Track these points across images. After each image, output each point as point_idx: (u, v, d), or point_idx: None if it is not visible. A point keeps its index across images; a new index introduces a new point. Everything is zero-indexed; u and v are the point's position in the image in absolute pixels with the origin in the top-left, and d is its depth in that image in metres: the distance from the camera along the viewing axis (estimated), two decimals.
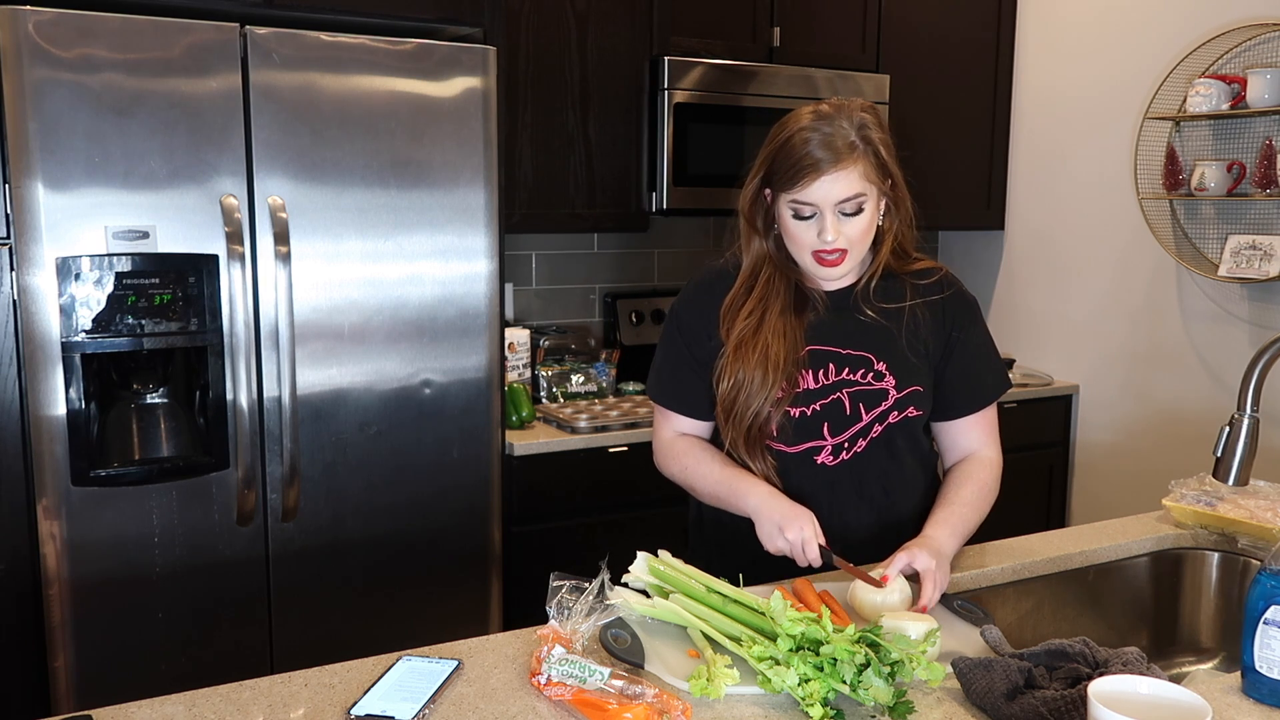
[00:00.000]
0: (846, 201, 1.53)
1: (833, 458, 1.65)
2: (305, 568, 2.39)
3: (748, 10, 3.26)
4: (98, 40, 2.06)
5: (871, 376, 1.64)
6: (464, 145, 2.45)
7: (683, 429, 1.74)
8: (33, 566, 2.16)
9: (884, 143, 1.57)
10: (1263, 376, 1.44)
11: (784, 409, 1.62)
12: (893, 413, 1.64)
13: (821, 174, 1.51)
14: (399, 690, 1.23)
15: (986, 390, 1.74)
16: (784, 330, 1.62)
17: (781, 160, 1.55)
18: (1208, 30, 3.15)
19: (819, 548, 1.50)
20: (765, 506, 1.56)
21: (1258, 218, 3.11)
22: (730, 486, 1.63)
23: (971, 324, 1.71)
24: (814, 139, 1.52)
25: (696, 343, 1.69)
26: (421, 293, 2.45)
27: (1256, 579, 1.25)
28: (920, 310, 1.66)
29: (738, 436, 1.63)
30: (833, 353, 1.64)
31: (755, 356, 1.60)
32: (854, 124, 1.54)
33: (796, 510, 1.54)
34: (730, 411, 1.63)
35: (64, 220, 2.08)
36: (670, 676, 1.27)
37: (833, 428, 1.64)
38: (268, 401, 2.30)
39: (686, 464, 1.71)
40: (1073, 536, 1.87)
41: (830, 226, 1.54)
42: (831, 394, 1.63)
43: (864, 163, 1.53)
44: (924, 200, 1.70)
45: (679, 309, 1.73)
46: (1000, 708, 1.18)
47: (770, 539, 1.54)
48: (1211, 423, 3.10)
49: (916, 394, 1.65)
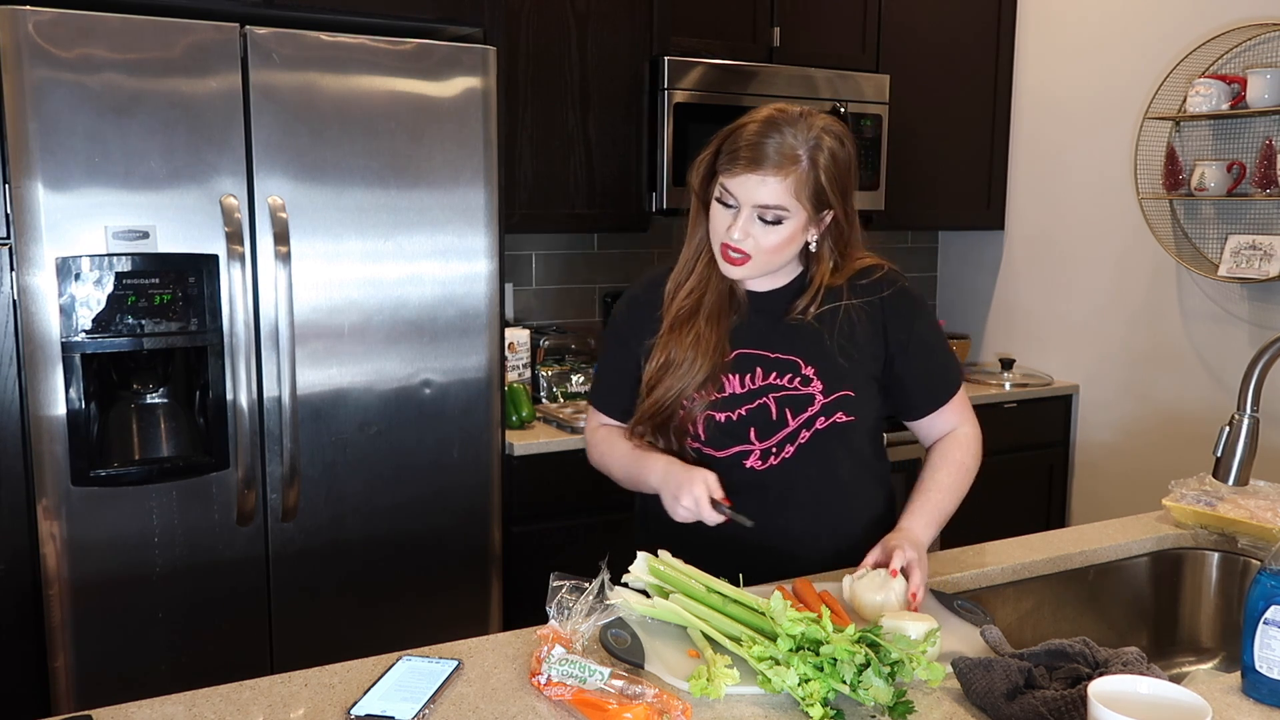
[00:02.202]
0: (767, 209, 1.50)
1: (761, 463, 1.63)
2: (305, 568, 2.39)
3: (748, 10, 3.26)
4: (98, 40, 2.06)
5: (799, 381, 1.61)
6: (464, 145, 2.45)
7: (607, 425, 1.76)
8: (33, 566, 2.16)
9: (829, 171, 1.52)
10: (1263, 376, 1.44)
11: (707, 412, 1.60)
12: (820, 418, 1.61)
13: (753, 171, 1.49)
14: (399, 690, 1.23)
15: (949, 383, 1.71)
16: (717, 319, 1.61)
17: (729, 144, 1.54)
18: (1208, 30, 3.15)
19: (713, 503, 1.48)
20: (663, 479, 1.54)
21: (1258, 218, 3.11)
22: (636, 466, 1.63)
23: (918, 320, 1.66)
24: (761, 136, 1.50)
25: (628, 351, 1.69)
26: (421, 293, 2.45)
27: (1256, 579, 1.25)
28: (856, 311, 1.62)
29: (649, 413, 1.62)
30: (760, 356, 1.62)
31: (689, 338, 1.59)
32: (807, 140, 1.50)
33: (690, 473, 1.51)
34: (653, 389, 1.61)
35: (64, 220, 2.08)
36: (670, 676, 1.27)
37: (760, 433, 1.62)
38: (268, 401, 2.30)
39: (604, 450, 1.72)
40: (1073, 536, 1.87)
41: (741, 225, 1.52)
42: (758, 399, 1.61)
43: (798, 181, 1.50)
44: (924, 200, 1.70)
45: (615, 316, 1.75)
46: (1000, 708, 1.18)
47: (673, 511, 1.52)
48: (1211, 423, 3.09)
49: (846, 399, 1.61)
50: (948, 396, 1.70)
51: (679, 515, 1.52)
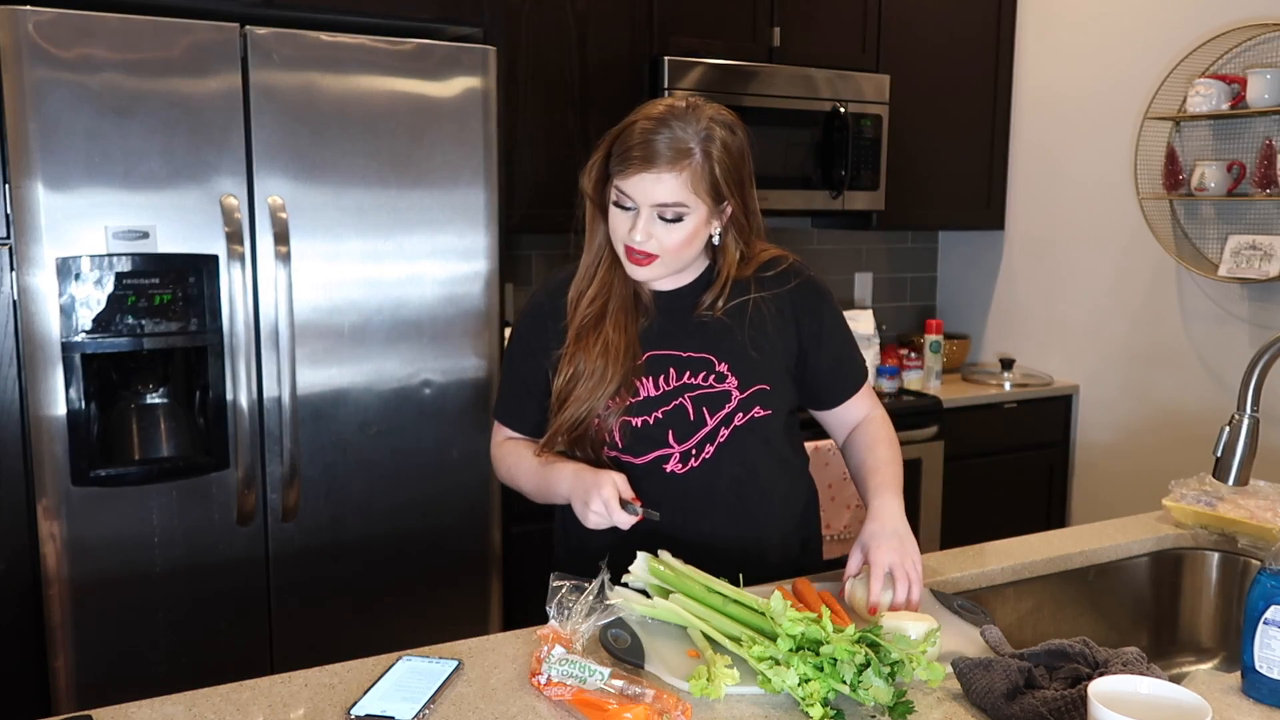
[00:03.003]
0: (666, 207, 1.47)
1: (681, 465, 1.59)
2: (305, 568, 2.39)
3: (748, 10, 3.26)
4: (98, 40, 2.06)
5: (713, 378, 1.58)
6: (464, 145, 2.45)
7: (513, 438, 1.71)
8: (33, 566, 2.16)
9: (723, 161, 1.49)
10: (1263, 376, 1.44)
11: (622, 418, 1.57)
12: (738, 414, 1.58)
13: (647, 170, 1.46)
14: (399, 690, 1.23)
15: (856, 374, 1.70)
16: (624, 325, 1.57)
17: (619, 145, 1.50)
18: (1208, 30, 3.15)
19: (623, 504, 1.44)
20: (572, 488, 1.50)
21: (1258, 218, 3.11)
22: (545, 477, 1.57)
23: (826, 312, 1.65)
24: (651, 134, 1.46)
25: (533, 363, 1.64)
26: (421, 293, 2.45)
27: (1256, 579, 1.26)
28: (764, 304, 1.60)
29: (564, 428, 1.57)
30: (672, 356, 1.59)
31: (596, 347, 1.55)
32: (698, 132, 1.47)
33: (597, 476, 1.46)
34: (564, 404, 1.57)
35: (64, 220, 2.08)
36: (670, 676, 1.27)
37: (678, 435, 1.58)
38: (268, 401, 2.30)
39: (510, 464, 1.67)
40: (1073, 536, 1.87)
41: (642, 227, 1.49)
42: (673, 400, 1.58)
43: (693, 174, 1.47)
44: (924, 200, 1.70)
45: (518, 326, 1.69)
46: (1000, 708, 1.18)
47: (584, 518, 1.47)
48: (1211, 423, 3.10)
49: (762, 393, 1.59)
50: (858, 386, 1.70)
51: (590, 522, 1.46)
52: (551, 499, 1.59)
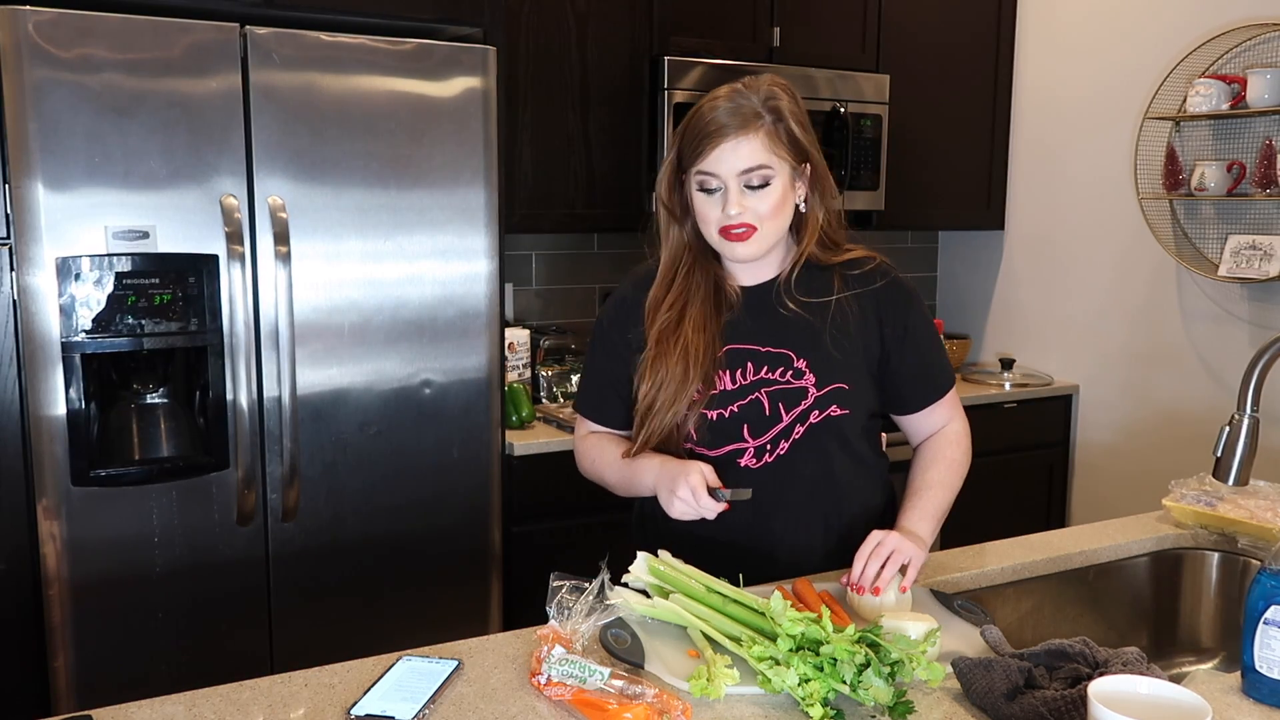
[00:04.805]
0: (750, 173, 1.50)
1: (755, 460, 1.60)
2: (305, 568, 2.39)
3: (748, 10, 3.26)
4: (98, 40, 2.06)
5: (791, 375, 1.58)
6: (464, 145, 2.45)
7: (597, 431, 1.73)
8: (33, 566, 2.16)
9: (795, 117, 1.53)
10: (1263, 376, 1.44)
11: (700, 411, 1.58)
12: (814, 412, 1.58)
13: (724, 140, 1.48)
14: (399, 690, 1.23)
15: (943, 379, 1.69)
16: (704, 324, 1.58)
17: (690, 134, 1.53)
18: (1208, 30, 3.15)
19: (710, 492, 1.45)
20: (658, 479, 1.52)
21: (1258, 218, 3.11)
22: (631, 469, 1.60)
23: (912, 315, 1.64)
24: (720, 107, 1.51)
25: (616, 357, 1.67)
26: (421, 293, 2.45)
27: (1256, 579, 1.25)
28: (849, 303, 1.60)
29: (651, 437, 1.59)
30: (751, 351, 1.60)
31: (676, 351, 1.57)
32: (761, 96, 1.51)
33: (684, 465, 1.49)
34: (650, 412, 1.59)
35: (64, 220, 2.08)
36: (670, 676, 1.27)
37: (753, 429, 1.59)
38: (268, 401, 2.30)
39: (595, 457, 1.69)
40: (1073, 536, 1.87)
41: (734, 200, 1.51)
42: (750, 394, 1.59)
43: (769, 134, 1.50)
44: (924, 200, 1.70)
45: (601, 322, 1.72)
46: (1000, 708, 1.18)
47: (670, 508, 1.49)
48: (1211, 423, 3.09)
49: (840, 391, 1.58)
50: (942, 392, 1.69)
51: (675, 511, 1.48)
52: (637, 491, 1.62)
